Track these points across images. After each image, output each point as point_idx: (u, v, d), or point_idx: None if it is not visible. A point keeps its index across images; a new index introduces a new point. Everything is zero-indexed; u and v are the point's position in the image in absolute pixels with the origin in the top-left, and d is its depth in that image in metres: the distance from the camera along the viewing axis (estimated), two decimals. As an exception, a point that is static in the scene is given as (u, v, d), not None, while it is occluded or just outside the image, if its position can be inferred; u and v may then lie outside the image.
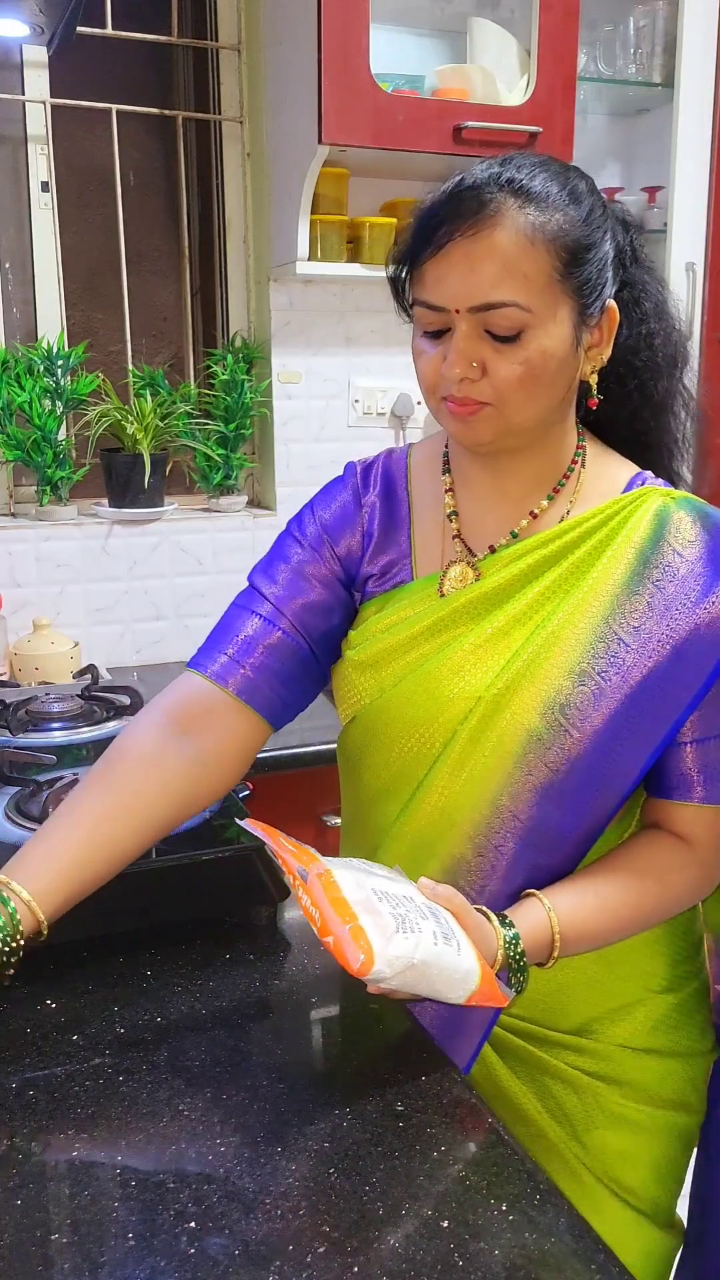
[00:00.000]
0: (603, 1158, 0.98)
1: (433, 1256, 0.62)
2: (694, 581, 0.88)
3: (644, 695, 0.88)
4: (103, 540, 2.07)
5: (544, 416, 0.89)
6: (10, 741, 1.27)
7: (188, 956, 0.94)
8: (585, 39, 2.04)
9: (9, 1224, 0.65)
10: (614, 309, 0.90)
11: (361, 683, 0.98)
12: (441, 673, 0.93)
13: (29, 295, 2.12)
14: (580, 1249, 0.64)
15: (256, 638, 0.96)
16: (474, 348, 0.85)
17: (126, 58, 2.13)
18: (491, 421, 0.88)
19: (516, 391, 0.86)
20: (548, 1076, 0.98)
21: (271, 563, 1.01)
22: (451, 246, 0.83)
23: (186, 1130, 0.73)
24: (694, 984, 1.02)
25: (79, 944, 0.95)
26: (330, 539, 1.00)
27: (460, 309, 0.84)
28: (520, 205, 0.83)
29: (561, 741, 0.88)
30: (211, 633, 0.99)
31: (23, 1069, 0.79)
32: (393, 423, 2.26)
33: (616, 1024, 0.98)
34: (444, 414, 0.90)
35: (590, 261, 0.86)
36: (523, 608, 0.91)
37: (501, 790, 0.90)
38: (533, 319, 0.84)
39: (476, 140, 1.92)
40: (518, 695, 0.89)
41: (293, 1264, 0.62)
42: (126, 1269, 0.62)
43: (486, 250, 0.83)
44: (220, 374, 2.13)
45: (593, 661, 0.88)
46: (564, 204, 0.85)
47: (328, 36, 1.79)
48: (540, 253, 0.83)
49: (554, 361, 0.86)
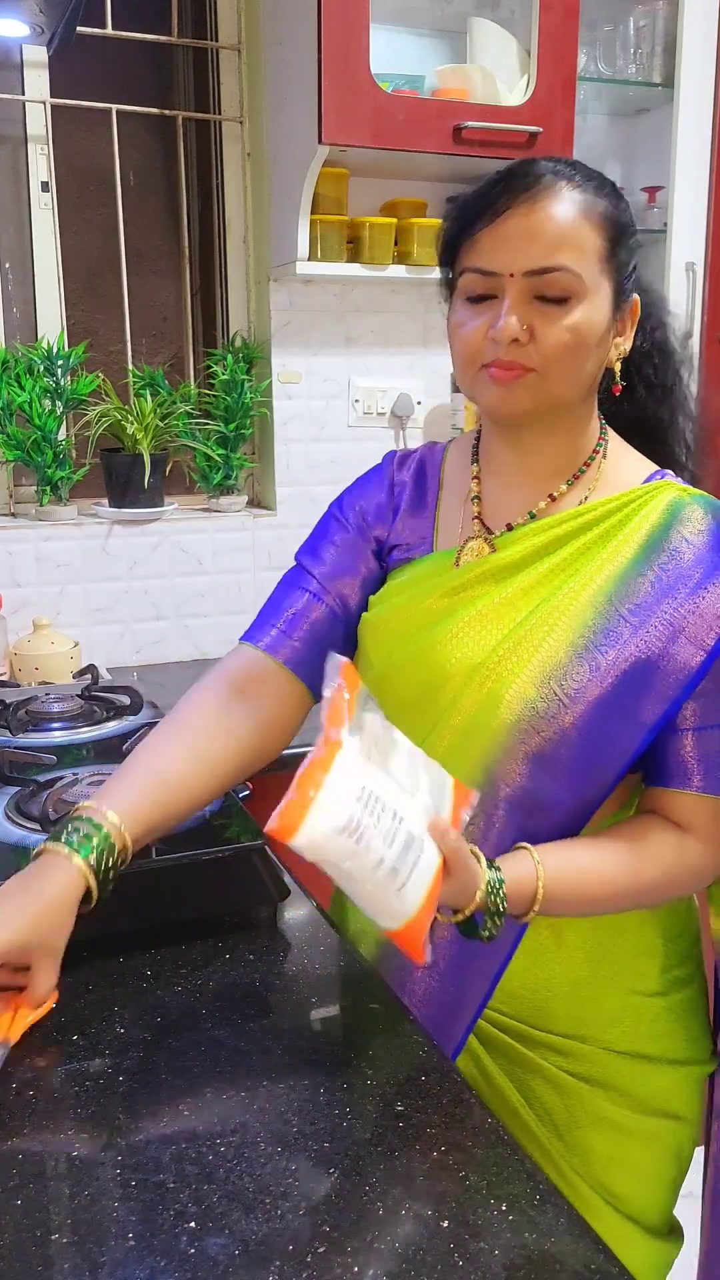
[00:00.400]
0: (586, 1159, 0.98)
1: (433, 1256, 0.62)
2: (698, 565, 0.91)
3: (640, 672, 0.89)
4: (103, 540, 2.07)
5: (578, 392, 0.93)
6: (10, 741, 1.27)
7: (188, 956, 0.94)
8: (585, 39, 2.04)
9: (9, 1224, 0.65)
10: (637, 303, 0.95)
11: (375, 641, 1.02)
12: (445, 639, 0.96)
13: (29, 295, 2.12)
14: (580, 1249, 0.64)
15: (303, 612, 1.03)
16: (525, 311, 0.89)
17: (126, 58, 2.13)
18: (532, 389, 0.90)
19: (562, 358, 0.89)
20: (532, 1075, 0.98)
21: (316, 542, 1.08)
22: (510, 214, 0.88)
23: (186, 1130, 0.73)
24: (688, 990, 1.02)
25: (79, 944, 0.95)
26: (367, 518, 1.07)
27: (515, 273, 0.88)
28: (572, 185, 0.89)
29: (556, 712, 0.90)
30: (262, 608, 1.07)
31: (23, 1069, 0.79)
32: (393, 423, 2.26)
33: (605, 1027, 0.98)
34: (483, 382, 0.92)
35: (628, 248, 0.92)
36: (530, 581, 0.94)
37: (495, 757, 0.92)
38: (582, 286, 0.88)
39: (476, 140, 1.92)
40: (516, 666, 0.91)
41: (293, 1264, 0.62)
42: (126, 1269, 0.62)
43: (544, 218, 0.87)
44: (220, 374, 2.13)
45: (592, 638, 0.90)
46: (607, 192, 0.91)
47: (328, 36, 1.79)
48: (591, 229, 0.88)
49: (596, 333, 0.90)
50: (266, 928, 0.99)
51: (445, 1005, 0.97)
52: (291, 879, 1.07)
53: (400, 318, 2.23)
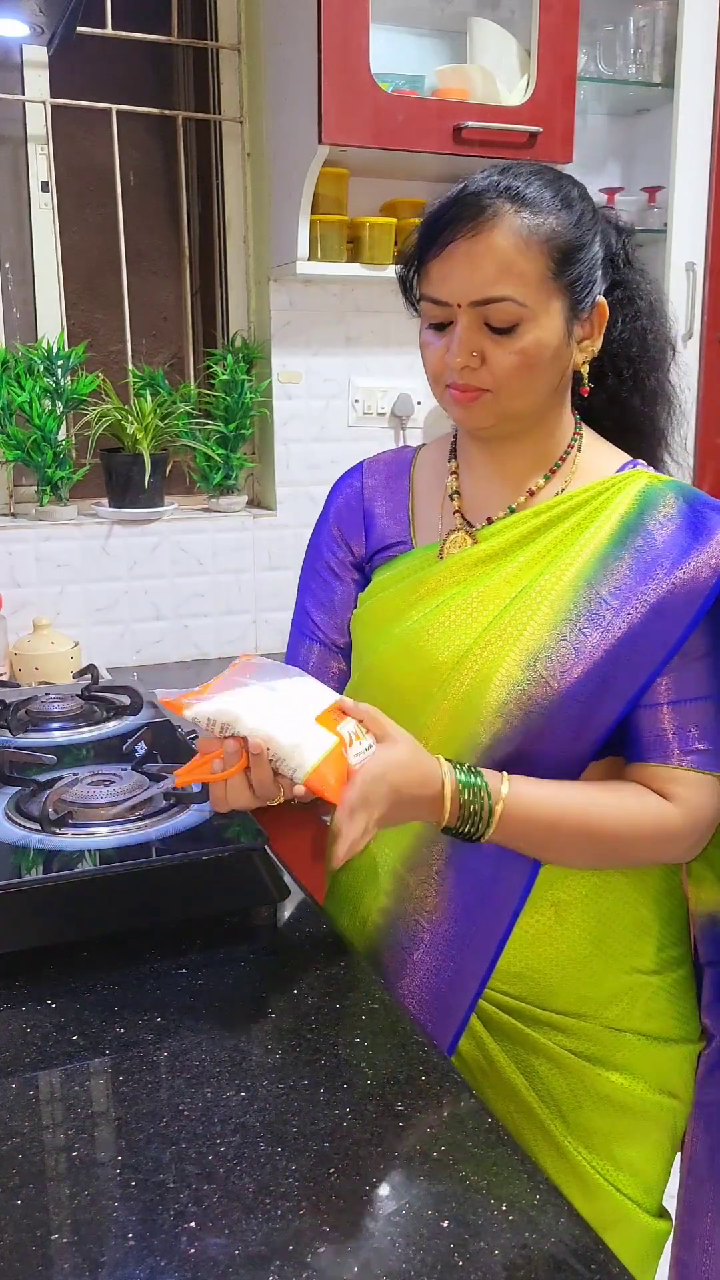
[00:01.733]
0: (589, 1139, 1.00)
1: (433, 1256, 0.62)
2: (673, 546, 0.94)
3: (623, 650, 0.92)
4: (103, 540, 2.07)
5: (539, 403, 0.97)
6: (10, 741, 1.27)
7: (188, 957, 0.94)
8: (585, 39, 2.04)
9: (9, 1224, 0.65)
10: (603, 305, 0.97)
11: (363, 639, 1.06)
12: (433, 628, 0.99)
13: (29, 295, 2.12)
14: (580, 1249, 0.64)
15: (322, 664, 1.11)
16: (474, 339, 0.92)
17: (126, 58, 2.13)
18: (490, 407, 0.95)
19: (513, 379, 0.93)
20: (534, 1055, 1.00)
21: (310, 579, 1.14)
22: (454, 247, 0.91)
23: (186, 1130, 0.73)
24: (680, 970, 1.04)
25: (79, 944, 0.95)
26: (345, 539, 1.11)
27: (462, 303, 0.92)
28: (516, 210, 0.91)
29: (542, 692, 0.93)
30: (286, 656, 1.13)
31: (23, 1069, 0.79)
32: (392, 423, 2.26)
33: (606, 1005, 1.00)
34: (448, 400, 0.97)
35: (581, 261, 0.93)
36: (512, 570, 0.98)
37: (482, 739, 0.96)
38: (527, 313, 0.91)
39: (476, 140, 1.92)
40: (503, 649, 0.95)
41: (293, 1264, 0.62)
42: (127, 1269, 0.62)
43: (486, 250, 0.90)
44: (220, 374, 2.13)
45: (574, 620, 0.94)
46: (556, 209, 0.92)
47: (328, 36, 1.79)
48: (535, 253, 0.91)
49: (547, 352, 0.93)
50: (266, 928, 0.99)
51: (445, 984, 0.99)
52: (291, 879, 1.07)
53: (400, 317, 2.20)
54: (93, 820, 1.03)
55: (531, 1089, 1.00)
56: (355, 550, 1.11)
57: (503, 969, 0.99)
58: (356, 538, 1.10)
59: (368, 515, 1.10)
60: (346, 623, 1.10)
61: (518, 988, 0.99)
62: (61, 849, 0.98)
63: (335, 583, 1.11)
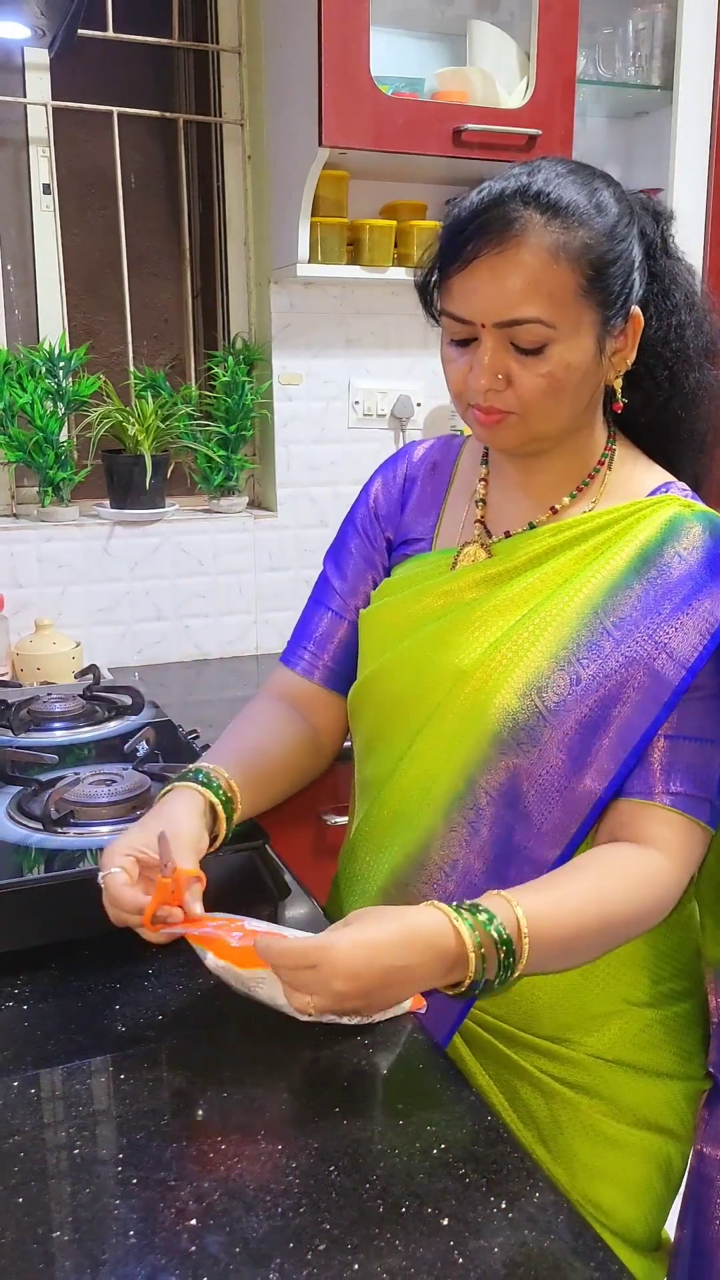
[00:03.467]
0: (571, 1167, 0.96)
1: (433, 1255, 0.63)
2: (687, 581, 0.89)
3: (622, 686, 0.88)
4: (104, 541, 2.07)
5: (569, 423, 0.92)
6: (12, 741, 1.28)
7: (188, 956, 0.94)
8: (584, 41, 2.04)
9: (10, 1222, 0.65)
10: (638, 316, 0.91)
11: (368, 642, 1.04)
12: (434, 641, 0.96)
13: (31, 297, 2.13)
14: (580, 1248, 0.64)
15: (329, 632, 1.09)
16: (499, 360, 0.87)
17: (127, 60, 2.13)
18: (516, 429, 0.91)
19: (541, 402, 0.88)
20: (516, 1078, 0.97)
21: (339, 551, 1.12)
22: (478, 263, 0.85)
23: (186, 1129, 0.73)
24: (683, 1005, 1.00)
25: (79, 944, 0.95)
26: (379, 519, 1.09)
27: (486, 323, 0.87)
28: (545, 222, 0.84)
29: (536, 724, 0.89)
30: (296, 626, 1.13)
31: (23, 1069, 0.80)
32: (393, 424, 2.26)
33: (591, 1033, 0.96)
34: (472, 420, 0.93)
35: (614, 275, 0.87)
36: (521, 590, 0.94)
37: (476, 765, 0.92)
38: (556, 334, 0.86)
39: (476, 143, 1.92)
40: (500, 674, 0.91)
41: (293, 1262, 0.62)
42: (127, 1267, 0.62)
43: (512, 267, 0.84)
44: (221, 376, 2.13)
45: (575, 650, 0.90)
46: (589, 216, 0.86)
47: (328, 39, 1.79)
48: (564, 270, 0.85)
49: (577, 373, 0.88)
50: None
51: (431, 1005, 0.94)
52: (292, 878, 1.07)
53: (400, 319, 2.23)
54: (94, 819, 1.03)
55: (512, 1111, 0.97)
56: (387, 533, 1.09)
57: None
58: (391, 523, 1.08)
59: (404, 504, 1.08)
60: (365, 594, 1.08)
61: (501, 1009, 0.96)
62: (63, 848, 0.98)
63: (359, 559, 1.09)
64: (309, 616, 1.12)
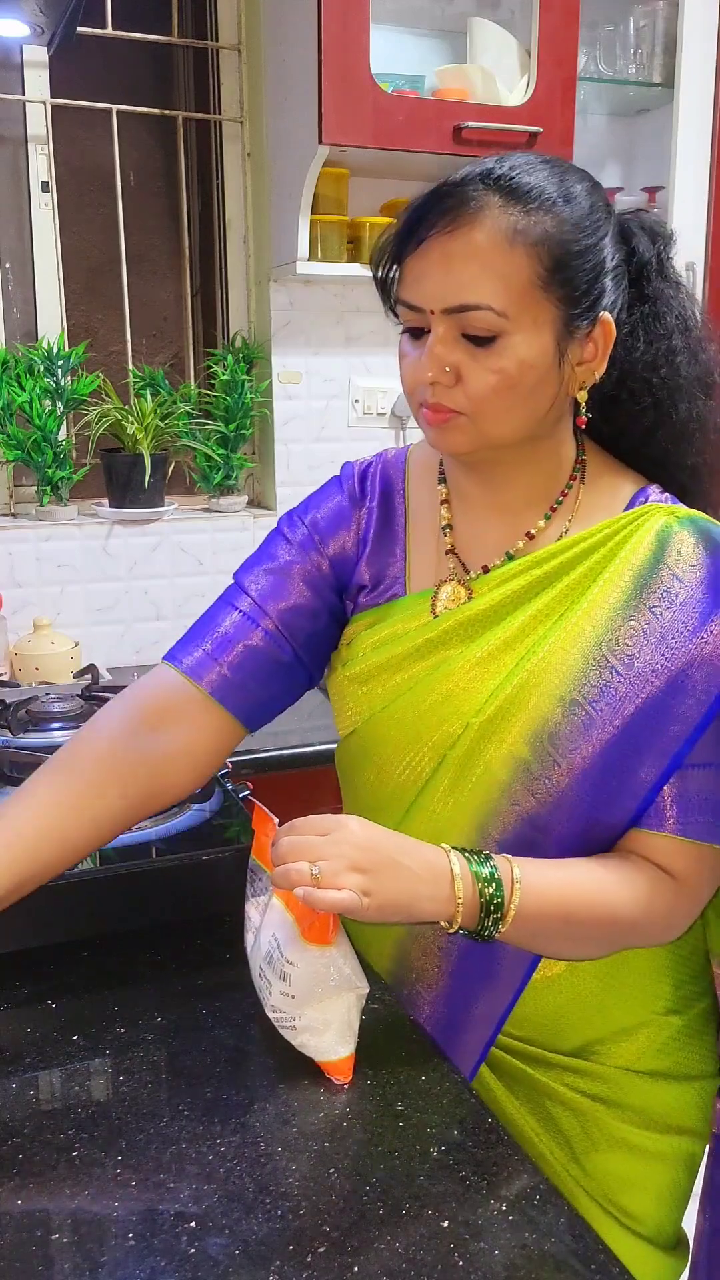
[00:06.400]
0: (604, 1182, 0.95)
1: (433, 1256, 0.62)
2: (693, 609, 0.83)
3: (637, 727, 0.83)
4: (103, 540, 2.07)
5: (525, 430, 0.85)
6: (10, 741, 1.27)
7: (188, 956, 0.94)
8: (585, 39, 2.04)
9: (9, 1224, 0.65)
10: (609, 322, 0.84)
11: (355, 698, 0.95)
12: (432, 695, 0.90)
13: (29, 295, 2.12)
14: (580, 1249, 0.64)
15: (236, 635, 0.93)
16: (449, 351, 0.82)
17: (127, 58, 2.13)
18: (465, 432, 0.84)
19: (491, 402, 0.82)
20: (546, 1099, 0.94)
21: (258, 561, 0.98)
22: (430, 243, 0.80)
23: (186, 1130, 0.73)
24: (700, 1005, 0.99)
25: (79, 944, 0.95)
26: (320, 539, 0.97)
27: (435, 310, 0.81)
28: (504, 204, 0.80)
29: (550, 773, 0.85)
30: (192, 626, 0.96)
31: (23, 1069, 0.79)
32: (393, 423, 2.26)
33: (618, 1045, 0.94)
34: (421, 420, 0.87)
35: (578, 269, 0.81)
36: (514, 631, 0.88)
37: (489, 818, 0.88)
38: (508, 325, 0.80)
39: (476, 140, 1.92)
40: (507, 723, 0.86)
41: (293, 1264, 0.62)
42: (127, 1268, 0.62)
43: (464, 249, 0.79)
44: (220, 374, 2.13)
45: (584, 690, 0.84)
46: (553, 205, 0.81)
47: (328, 36, 1.79)
48: (520, 255, 0.79)
49: (532, 374, 0.82)
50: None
51: (452, 1030, 0.93)
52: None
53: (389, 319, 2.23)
54: (93, 820, 1.03)
55: (544, 1131, 0.94)
56: (334, 559, 0.96)
57: (511, 1014, 0.92)
58: (340, 553, 0.97)
59: (363, 542, 0.97)
60: (292, 610, 0.94)
61: (525, 1030, 0.93)
62: (62, 849, 0.98)
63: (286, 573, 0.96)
64: (210, 615, 0.96)
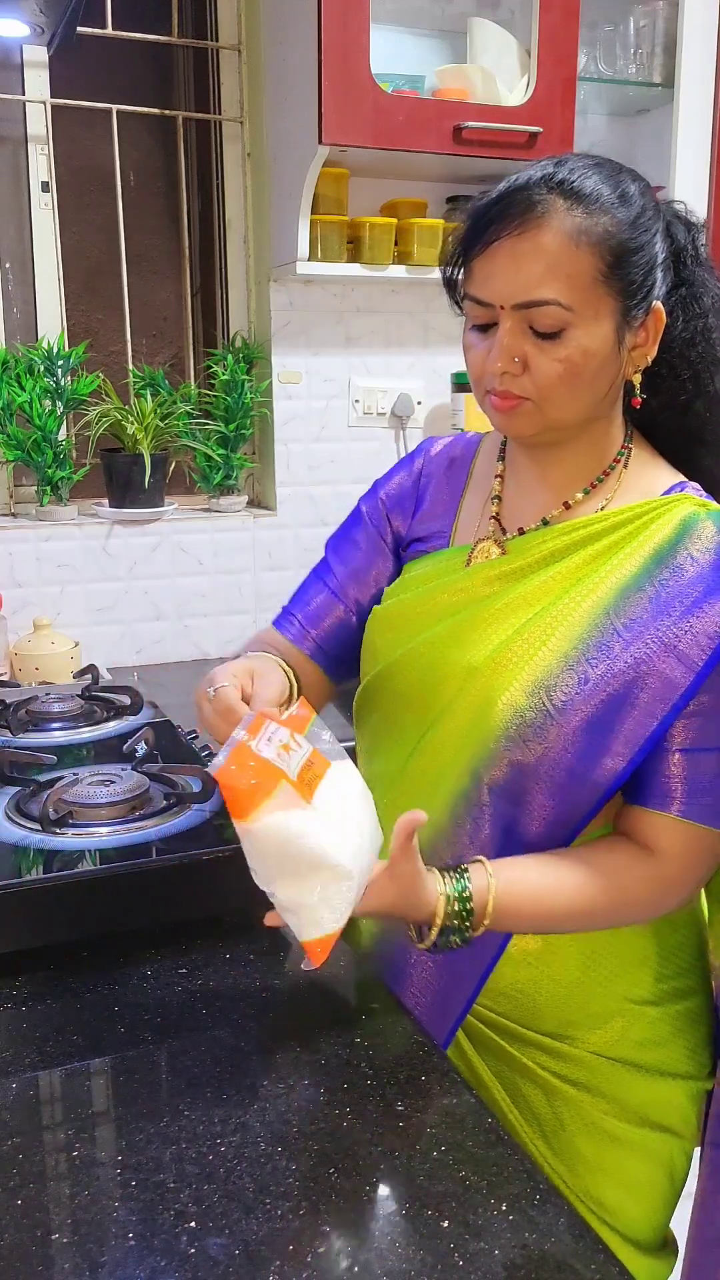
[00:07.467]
0: (574, 1166, 0.97)
1: (433, 1256, 0.62)
2: (698, 583, 0.89)
3: (629, 690, 0.88)
4: (103, 540, 2.07)
5: (585, 413, 0.92)
6: (10, 741, 1.27)
7: (188, 956, 0.94)
8: (585, 39, 2.04)
9: (9, 1224, 0.65)
10: (660, 311, 0.91)
11: (379, 639, 1.04)
12: (446, 639, 0.96)
13: (29, 295, 2.12)
14: (580, 1249, 0.64)
15: (323, 610, 1.10)
16: (517, 343, 0.88)
17: (127, 58, 2.13)
18: (531, 416, 0.91)
19: (557, 388, 0.89)
20: (519, 1075, 0.97)
21: (344, 535, 1.13)
22: (499, 245, 0.87)
23: (186, 1130, 0.73)
24: (687, 1003, 1.00)
25: (79, 944, 0.95)
26: (389, 513, 1.10)
27: (505, 305, 0.88)
28: (568, 207, 0.86)
29: (544, 724, 0.89)
30: (294, 593, 1.14)
31: (23, 1069, 0.79)
32: (393, 423, 2.26)
33: (593, 1030, 0.97)
34: (488, 406, 0.93)
35: (635, 264, 0.88)
36: (534, 588, 0.94)
37: (482, 761, 0.92)
38: (574, 318, 0.87)
39: (476, 140, 1.92)
40: (509, 672, 0.91)
41: (293, 1264, 0.62)
42: (127, 1269, 0.62)
43: (532, 249, 0.86)
44: (220, 374, 2.13)
45: (584, 650, 0.90)
46: (612, 206, 0.87)
47: (328, 36, 1.79)
48: (584, 254, 0.86)
49: (594, 360, 0.88)
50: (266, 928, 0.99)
51: (437, 996, 0.97)
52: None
53: (400, 318, 2.23)
54: (93, 820, 1.03)
55: (515, 1108, 0.98)
56: (397, 529, 1.09)
57: (489, 986, 0.97)
58: (401, 519, 1.09)
59: (419, 501, 1.08)
60: (365, 585, 1.09)
61: (504, 1005, 0.97)
62: (62, 849, 0.98)
63: (363, 550, 1.10)
64: (306, 588, 1.13)
